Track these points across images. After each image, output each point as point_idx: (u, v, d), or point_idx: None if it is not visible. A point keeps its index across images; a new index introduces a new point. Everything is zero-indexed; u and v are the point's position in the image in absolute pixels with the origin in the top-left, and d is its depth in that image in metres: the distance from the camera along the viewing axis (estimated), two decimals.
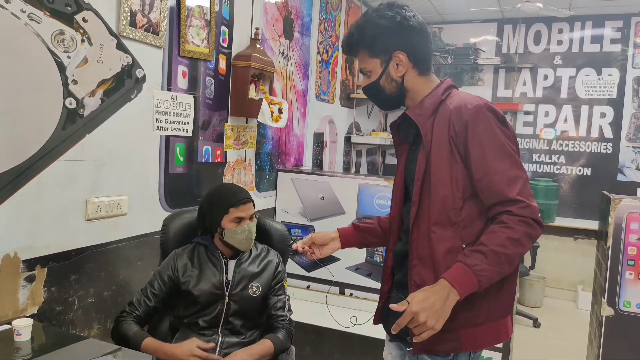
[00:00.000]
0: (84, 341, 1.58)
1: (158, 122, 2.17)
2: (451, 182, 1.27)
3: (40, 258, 1.72)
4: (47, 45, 1.67)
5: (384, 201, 2.87)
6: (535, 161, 4.82)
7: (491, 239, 1.19)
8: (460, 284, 1.18)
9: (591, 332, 2.92)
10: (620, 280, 2.53)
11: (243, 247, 1.74)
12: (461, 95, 1.33)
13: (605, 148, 4.61)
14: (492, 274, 1.19)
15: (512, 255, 1.20)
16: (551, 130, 4.77)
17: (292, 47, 3.25)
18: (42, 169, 1.70)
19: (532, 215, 1.20)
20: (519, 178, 1.23)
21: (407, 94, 1.39)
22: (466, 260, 1.19)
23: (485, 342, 1.32)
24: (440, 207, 1.28)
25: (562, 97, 4.72)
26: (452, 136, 1.27)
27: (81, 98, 1.81)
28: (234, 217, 1.71)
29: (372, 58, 1.38)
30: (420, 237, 1.31)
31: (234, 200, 1.72)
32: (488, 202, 1.25)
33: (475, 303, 1.26)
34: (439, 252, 1.27)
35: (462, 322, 1.26)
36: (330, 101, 3.91)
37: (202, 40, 2.39)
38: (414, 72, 1.37)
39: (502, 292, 1.30)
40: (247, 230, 1.72)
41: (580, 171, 4.69)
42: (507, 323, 1.35)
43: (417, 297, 1.17)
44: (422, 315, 1.14)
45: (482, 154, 1.24)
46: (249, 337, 1.74)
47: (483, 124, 1.25)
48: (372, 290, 2.95)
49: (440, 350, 1.29)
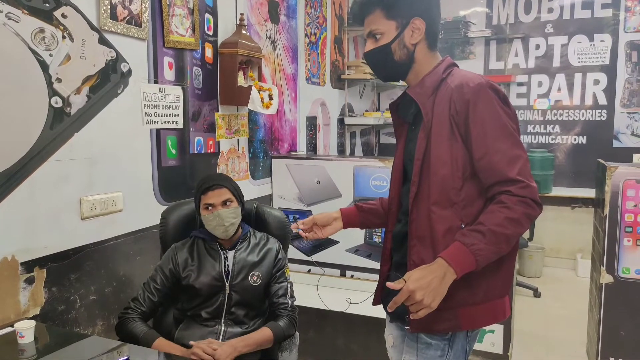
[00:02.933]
0: (87, 339, 1.58)
1: (147, 116, 2.15)
2: (451, 162, 1.26)
3: (38, 259, 1.72)
4: (28, 44, 1.64)
5: (380, 182, 2.86)
6: (530, 132, 4.80)
7: (490, 219, 1.19)
8: (458, 262, 1.18)
9: (591, 299, 2.95)
10: (619, 247, 2.55)
11: (218, 233, 1.73)
12: (462, 74, 1.31)
13: (600, 115, 4.59)
14: (490, 253, 1.19)
15: (510, 235, 1.20)
16: (545, 100, 4.74)
17: (279, 31, 3.20)
18: (33, 170, 1.69)
19: (531, 195, 1.20)
20: (519, 158, 1.23)
21: (413, 65, 1.36)
22: (464, 240, 1.19)
23: (483, 321, 1.33)
24: (440, 187, 1.27)
25: (555, 66, 4.68)
26: (452, 115, 1.26)
27: (67, 96, 1.78)
28: (204, 203, 1.73)
29: (388, 20, 1.33)
30: (419, 217, 1.30)
31: (203, 187, 1.74)
32: (487, 181, 1.24)
33: (474, 282, 1.26)
34: (438, 232, 1.27)
35: (460, 301, 1.27)
36: (321, 84, 3.88)
37: (187, 30, 2.35)
38: (424, 44, 1.35)
39: (500, 272, 1.31)
40: (217, 216, 1.70)
41: (575, 140, 4.68)
42: (504, 302, 1.36)
43: (413, 276, 1.17)
44: (419, 294, 1.14)
45: (483, 133, 1.23)
46: (252, 326, 1.75)
47: (484, 103, 1.24)
48: (372, 271, 2.97)
49: (439, 329, 1.30)
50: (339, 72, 4.24)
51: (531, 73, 4.76)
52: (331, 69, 4.06)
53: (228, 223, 1.72)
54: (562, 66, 4.66)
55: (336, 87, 4.18)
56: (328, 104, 4.02)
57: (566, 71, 4.65)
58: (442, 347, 1.32)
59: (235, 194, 1.77)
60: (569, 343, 3.12)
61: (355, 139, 4.67)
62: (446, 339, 1.32)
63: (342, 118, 4.31)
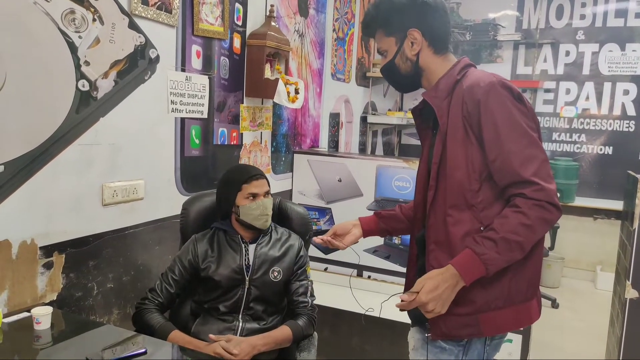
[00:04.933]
0: (102, 327, 1.56)
1: (173, 104, 2.12)
2: (467, 164, 1.23)
3: (57, 244, 1.70)
4: (58, 25, 1.62)
5: (402, 183, 2.80)
6: (555, 140, 4.70)
7: (503, 225, 1.17)
8: (467, 272, 1.18)
9: (613, 313, 2.87)
10: None
11: (259, 223, 1.70)
12: (476, 74, 1.27)
13: (628, 126, 4.48)
14: (501, 262, 1.18)
15: (524, 242, 1.17)
16: (572, 108, 4.64)
17: (307, 25, 3.16)
18: (57, 153, 1.66)
19: (547, 198, 1.16)
20: (534, 158, 1.18)
21: (423, 74, 1.36)
22: (476, 248, 1.17)
23: (506, 326, 1.29)
24: (456, 189, 1.24)
25: (584, 74, 4.57)
26: (465, 116, 1.23)
27: (94, 80, 1.76)
28: (247, 193, 1.69)
29: (388, 37, 1.36)
30: (437, 221, 1.28)
31: (245, 176, 1.71)
32: (502, 183, 1.21)
33: (496, 286, 1.23)
34: (455, 236, 1.24)
35: (483, 306, 1.24)
36: (346, 80, 3.83)
37: (216, 19, 2.31)
38: (429, 51, 1.34)
39: (524, 274, 1.27)
40: (261, 205, 1.69)
41: (601, 150, 4.57)
42: (530, 307, 1.31)
43: (426, 287, 1.19)
44: (431, 305, 1.18)
45: (495, 133, 1.19)
46: (270, 322, 1.71)
47: (496, 102, 1.20)
48: (390, 273, 2.92)
49: (460, 335, 1.27)
50: (364, 69, 4.19)
51: (559, 80, 4.65)
52: (357, 66, 4.01)
53: (270, 213, 1.72)
54: (592, 74, 4.55)
55: (361, 84, 4.13)
56: (352, 101, 3.97)
57: (595, 79, 4.54)
58: (455, 353, 1.30)
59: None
60: (586, 356, 3.05)
61: (377, 137, 4.61)
62: (461, 345, 1.29)
63: (364, 116, 4.25)
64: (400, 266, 2.89)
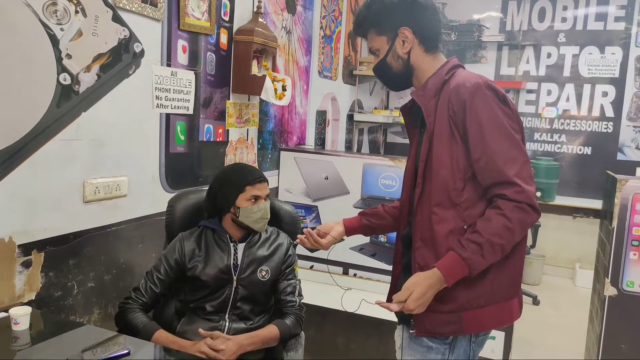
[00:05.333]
0: (81, 328, 1.51)
1: (158, 100, 2.07)
2: (451, 163, 1.26)
3: (36, 242, 1.65)
4: (39, 16, 1.56)
5: (389, 181, 2.80)
6: (536, 140, 4.77)
7: (486, 228, 1.20)
8: (452, 275, 1.22)
9: (592, 310, 2.92)
10: (624, 261, 2.52)
11: (258, 226, 1.68)
12: (463, 75, 1.30)
13: (606, 127, 4.57)
14: (484, 265, 1.22)
15: (505, 245, 1.21)
16: (553, 109, 4.71)
17: (294, 22, 3.13)
18: (36, 149, 1.61)
19: (527, 200, 1.19)
20: (516, 159, 1.21)
21: (414, 72, 1.38)
22: (462, 253, 1.20)
23: (488, 324, 1.32)
24: (441, 188, 1.27)
25: (565, 75, 4.65)
26: (451, 116, 1.25)
27: (76, 74, 1.71)
28: (250, 195, 1.65)
29: (379, 36, 1.37)
30: (423, 219, 1.30)
31: (250, 177, 1.67)
32: (485, 183, 1.23)
33: (478, 285, 1.26)
34: (440, 234, 1.26)
35: (465, 304, 1.27)
36: (332, 78, 3.81)
37: (203, 14, 2.27)
38: (420, 49, 1.35)
39: (506, 274, 1.29)
40: (262, 209, 1.66)
41: (580, 150, 4.66)
42: (511, 305, 1.34)
43: (414, 295, 1.22)
44: (417, 310, 1.23)
45: (480, 134, 1.22)
46: (257, 322, 1.69)
47: (481, 103, 1.22)
48: (376, 271, 2.92)
49: (443, 333, 1.30)
50: (351, 67, 4.18)
51: (541, 81, 4.72)
52: (344, 63, 4.00)
53: (269, 216, 1.70)
54: (572, 76, 4.63)
55: (347, 82, 4.12)
56: (338, 99, 3.96)
57: (576, 81, 4.62)
58: (442, 351, 1.31)
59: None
60: (566, 352, 3.10)
61: (362, 135, 4.61)
62: (447, 343, 1.31)
63: (351, 114, 4.25)
64: (386, 264, 2.89)
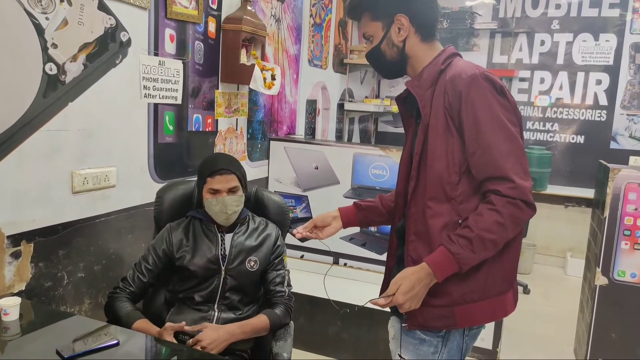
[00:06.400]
0: (72, 318, 1.52)
1: (145, 90, 2.06)
2: (447, 156, 1.23)
3: (25, 233, 1.64)
4: (23, 5, 1.55)
5: (379, 171, 2.80)
6: (529, 129, 4.76)
7: (478, 222, 1.17)
8: (441, 270, 1.20)
9: (583, 299, 2.94)
10: (616, 250, 2.53)
11: (219, 219, 1.66)
12: (460, 64, 1.26)
13: (600, 115, 4.56)
14: (474, 260, 1.20)
15: (497, 240, 1.19)
16: (546, 97, 4.70)
17: (284, 10, 3.11)
18: (23, 139, 1.60)
19: (521, 196, 1.16)
20: (511, 153, 1.18)
21: (409, 61, 1.34)
22: (451, 247, 1.19)
23: (481, 318, 1.31)
24: (435, 181, 1.24)
25: (559, 63, 4.62)
26: (446, 107, 1.22)
27: (62, 63, 1.69)
28: (209, 187, 1.64)
29: (374, 21, 1.33)
30: (417, 212, 1.28)
31: (210, 170, 1.65)
32: (479, 177, 1.21)
33: (472, 279, 1.25)
34: (434, 227, 1.24)
35: (458, 298, 1.26)
36: (323, 67, 3.79)
37: (190, 2, 2.25)
38: (416, 38, 1.31)
39: (500, 269, 1.28)
40: (220, 203, 1.63)
41: (573, 139, 4.65)
42: (505, 299, 1.32)
43: (402, 288, 1.21)
44: (407, 304, 1.22)
45: (475, 126, 1.19)
46: (246, 312, 1.70)
47: (477, 95, 1.19)
48: (366, 260, 2.93)
49: (435, 326, 1.29)
50: (342, 56, 4.16)
51: (534, 69, 4.70)
52: (334, 52, 3.97)
53: (231, 211, 1.65)
54: (566, 64, 4.60)
55: (338, 71, 4.10)
56: (329, 88, 3.94)
57: (569, 69, 4.60)
58: (435, 344, 1.31)
59: (242, 181, 1.70)
60: (556, 341, 3.12)
61: (353, 125, 4.60)
62: (440, 336, 1.30)
63: (342, 103, 4.23)
64: (376, 254, 2.90)
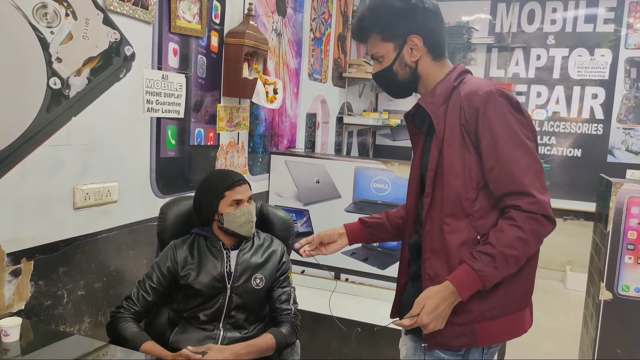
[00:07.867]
0: (72, 338, 1.48)
1: (149, 104, 2.04)
2: (464, 172, 1.22)
3: (25, 250, 1.60)
4: (29, 19, 1.53)
5: (381, 185, 2.79)
6: None
7: (500, 239, 1.17)
8: (465, 288, 1.19)
9: (586, 314, 2.92)
10: (620, 265, 2.52)
11: (244, 231, 1.65)
12: (473, 81, 1.27)
13: (596, 129, 4.60)
14: (498, 277, 1.19)
15: (520, 256, 1.18)
16: (543, 111, 4.74)
17: (285, 24, 3.11)
18: (26, 154, 1.57)
19: (542, 211, 1.16)
20: (530, 168, 1.18)
21: (420, 80, 1.34)
22: (474, 265, 1.18)
23: (500, 336, 1.29)
24: (453, 198, 1.23)
25: (555, 77, 4.68)
26: (463, 124, 1.22)
27: (66, 77, 1.67)
28: (231, 200, 1.63)
29: (385, 42, 1.32)
30: (433, 229, 1.27)
31: (228, 182, 1.64)
32: (498, 192, 1.20)
33: (491, 297, 1.23)
34: (452, 244, 1.23)
35: (478, 316, 1.24)
36: (322, 80, 3.79)
37: (194, 16, 2.24)
38: (428, 57, 1.32)
39: (519, 285, 1.26)
40: (246, 212, 1.63)
41: (570, 152, 4.68)
42: (523, 316, 1.30)
43: (427, 308, 1.19)
44: (432, 324, 1.19)
45: (493, 142, 1.19)
46: (252, 331, 1.66)
47: (494, 111, 1.19)
48: (368, 275, 2.90)
49: (455, 345, 1.26)
50: (341, 69, 4.17)
51: (531, 83, 4.74)
52: (333, 66, 3.98)
53: (254, 219, 1.67)
54: (562, 78, 4.66)
55: (337, 85, 4.10)
56: (328, 102, 3.94)
57: (565, 83, 4.65)
58: None
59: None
60: (560, 356, 3.10)
61: (352, 138, 4.60)
62: (460, 355, 1.28)
63: (341, 117, 4.23)
64: (378, 269, 2.87)
